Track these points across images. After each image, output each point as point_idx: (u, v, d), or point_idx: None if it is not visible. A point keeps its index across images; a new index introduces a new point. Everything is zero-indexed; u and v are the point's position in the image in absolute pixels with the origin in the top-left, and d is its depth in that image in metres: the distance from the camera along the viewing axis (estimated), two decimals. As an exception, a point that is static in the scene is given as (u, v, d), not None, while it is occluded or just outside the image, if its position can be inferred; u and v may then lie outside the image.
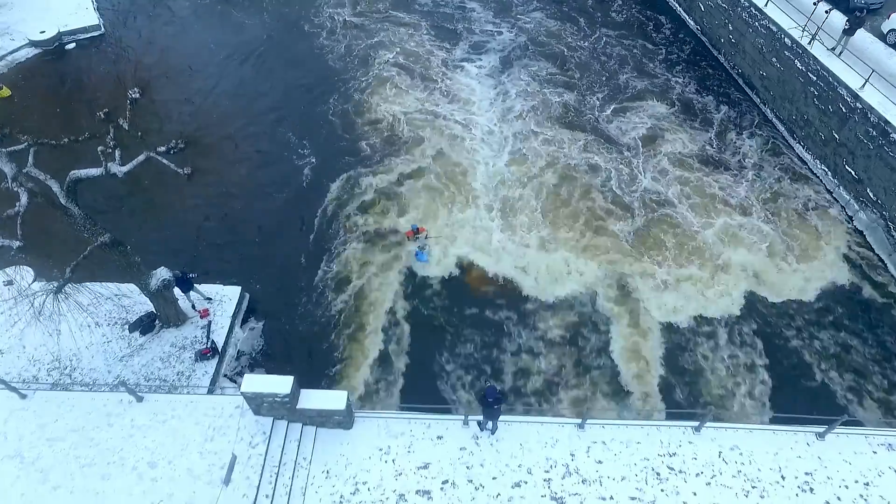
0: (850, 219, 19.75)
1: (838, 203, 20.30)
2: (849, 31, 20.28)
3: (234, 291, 16.46)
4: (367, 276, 17.52)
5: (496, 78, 25.75)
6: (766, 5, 23.86)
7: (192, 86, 24.11)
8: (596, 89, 25.01)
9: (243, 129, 21.94)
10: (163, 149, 11.57)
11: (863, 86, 19.24)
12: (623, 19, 29.30)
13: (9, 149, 11.15)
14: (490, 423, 12.00)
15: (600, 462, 11.83)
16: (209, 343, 15.06)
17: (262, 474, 11.15)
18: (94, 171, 11.70)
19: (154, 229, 17.33)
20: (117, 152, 11.59)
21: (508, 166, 21.38)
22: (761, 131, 23.29)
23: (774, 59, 23.32)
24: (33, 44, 25.63)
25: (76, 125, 12.06)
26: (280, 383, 11.03)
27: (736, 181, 20.94)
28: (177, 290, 15.28)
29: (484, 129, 23.08)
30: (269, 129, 22.97)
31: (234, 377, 15.13)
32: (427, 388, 14.82)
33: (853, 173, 19.86)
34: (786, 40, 22.55)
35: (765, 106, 24.35)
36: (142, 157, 11.58)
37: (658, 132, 22.94)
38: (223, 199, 16.80)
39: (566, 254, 18.30)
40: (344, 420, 11.83)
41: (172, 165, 11.48)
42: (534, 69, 26.10)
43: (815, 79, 21.19)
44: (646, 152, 22.08)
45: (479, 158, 21.67)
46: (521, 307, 16.95)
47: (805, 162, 21.92)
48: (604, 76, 25.72)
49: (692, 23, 29.27)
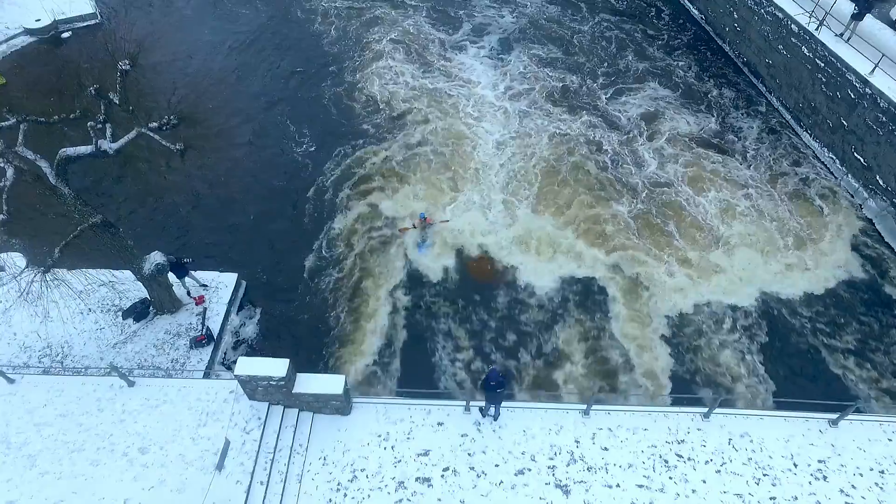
0: (860, 207, 19.35)
1: (847, 191, 19.90)
2: (857, 16, 19.85)
3: (230, 278, 16.13)
4: (366, 262, 17.16)
5: (496, 59, 25.72)
6: (773, -8, 23.44)
7: (187, 69, 23.88)
8: (598, 73, 24.78)
9: (238, 111, 21.68)
10: (155, 125, 11.22)
11: (872, 71, 18.80)
12: (624, 7, 28.87)
13: (-2, 125, 10.83)
14: (492, 409, 11.64)
15: (606, 449, 11.46)
16: (204, 330, 14.72)
17: (256, 460, 10.79)
18: (85, 149, 11.35)
19: (147, 210, 17.01)
20: (108, 129, 11.24)
21: (510, 143, 21.24)
22: (767, 119, 22.88)
23: (781, 47, 22.90)
24: (28, 32, 25.26)
25: (67, 103, 11.70)
26: (275, 366, 10.66)
27: (741, 167, 20.52)
28: (172, 277, 14.95)
29: (485, 107, 22.98)
30: (264, 111, 22.71)
31: (229, 364, 14.75)
32: (427, 374, 14.46)
33: (862, 160, 19.45)
34: (793, 27, 22.13)
35: (770, 94, 23.93)
36: (133, 134, 11.23)
37: (660, 112, 22.77)
38: (217, 179, 16.39)
39: (567, 234, 17.99)
40: (342, 405, 11.46)
41: (164, 142, 11.12)
42: (535, 52, 25.98)
43: (822, 65, 20.77)
44: (648, 132, 21.86)
45: (479, 135, 21.52)
46: (522, 290, 16.62)
47: (812, 150, 21.50)
48: (606, 61, 25.47)
49: (696, 11, 28.81)
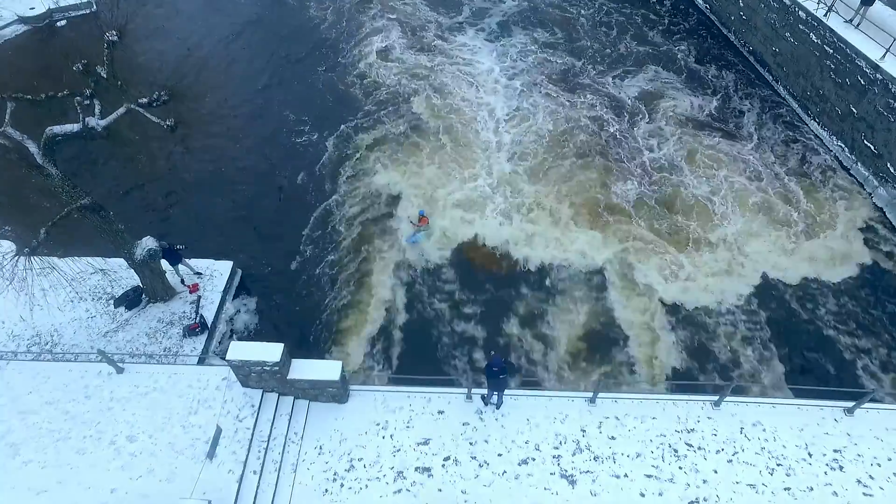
0: (870, 195, 18.90)
1: (856, 179, 19.46)
2: (867, 1, 19.40)
3: (225, 266, 15.70)
4: (365, 247, 16.75)
5: (497, 41, 25.73)
6: (780, -21, 23.01)
7: (181, 44, 23.77)
8: (598, 58, 24.62)
9: (233, 90, 21.68)
10: (145, 100, 10.79)
11: (883, 56, 18.37)
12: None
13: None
14: (495, 397, 11.21)
15: (613, 438, 11.02)
16: (198, 318, 14.30)
17: (249, 449, 10.36)
18: (72, 126, 10.92)
19: (138, 193, 16.53)
20: (96, 105, 10.81)
21: (510, 122, 21.15)
22: (773, 107, 22.41)
23: (788, 34, 22.47)
24: (22, 20, 24.87)
25: (54, 80, 11.29)
26: (269, 350, 10.23)
27: (747, 154, 20.08)
28: (165, 264, 14.53)
29: (484, 87, 22.91)
30: (259, 92, 22.60)
31: (223, 355, 14.35)
32: (427, 364, 14.00)
33: (872, 148, 19.01)
34: (800, 13, 21.69)
35: (777, 83, 23.48)
36: (122, 110, 10.80)
37: (662, 93, 22.61)
38: (210, 161, 16.01)
39: (568, 215, 17.66)
40: (338, 393, 11.03)
41: (155, 118, 10.68)
42: (535, 35, 25.92)
43: (831, 52, 20.32)
44: (651, 113, 21.70)
45: (479, 118, 21.35)
46: (522, 274, 16.27)
47: (821, 139, 21.06)
48: (607, 46, 25.29)
49: (700, 1, 28.44)
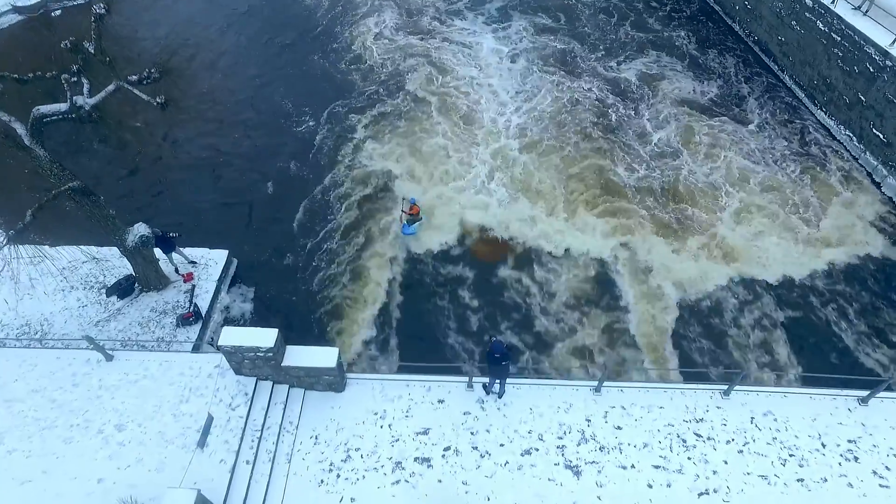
0: (878, 185, 18.52)
1: (865, 169, 19.07)
2: (876, -13, 19.07)
3: (220, 255, 15.33)
4: (363, 234, 16.41)
5: (495, 25, 25.57)
6: (785, -33, 22.64)
7: (174, 21, 23.17)
8: (600, 45, 24.37)
9: (227, 71, 21.32)
10: (135, 78, 10.43)
11: (893, 42, 17.95)
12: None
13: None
14: (497, 385, 10.83)
15: (619, 428, 10.64)
16: (192, 307, 13.94)
17: (242, 438, 10.00)
18: (60, 106, 10.57)
19: (129, 178, 16.09)
20: (84, 83, 10.45)
21: (511, 105, 20.99)
22: (779, 96, 22.04)
23: (794, 22, 22.08)
24: (17, 10, 24.52)
25: (43, 60, 10.95)
26: (263, 336, 9.87)
27: (753, 143, 19.71)
28: (158, 252, 14.17)
29: (484, 70, 22.77)
30: (255, 76, 22.28)
31: (218, 346, 13.99)
32: (427, 354, 13.61)
33: (881, 137, 18.61)
34: (807, 1, 21.28)
35: (783, 73, 23.08)
36: (112, 87, 10.44)
37: (665, 77, 22.46)
38: (203, 145, 15.57)
39: (571, 202, 17.37)
40: (335, 381, 10.66)
41: (145, 95, 10.33)
42: (535, 20, 25.77)
43: (839, 39, 19.93)
44: (654, 99, 21.50)
45: (479, 101, 21.18)
46: (524, 260, 15.98)
47: (828, 128, 20.65)
48: (609, 34, 25.05)
49: (704, -8, 28.11)
